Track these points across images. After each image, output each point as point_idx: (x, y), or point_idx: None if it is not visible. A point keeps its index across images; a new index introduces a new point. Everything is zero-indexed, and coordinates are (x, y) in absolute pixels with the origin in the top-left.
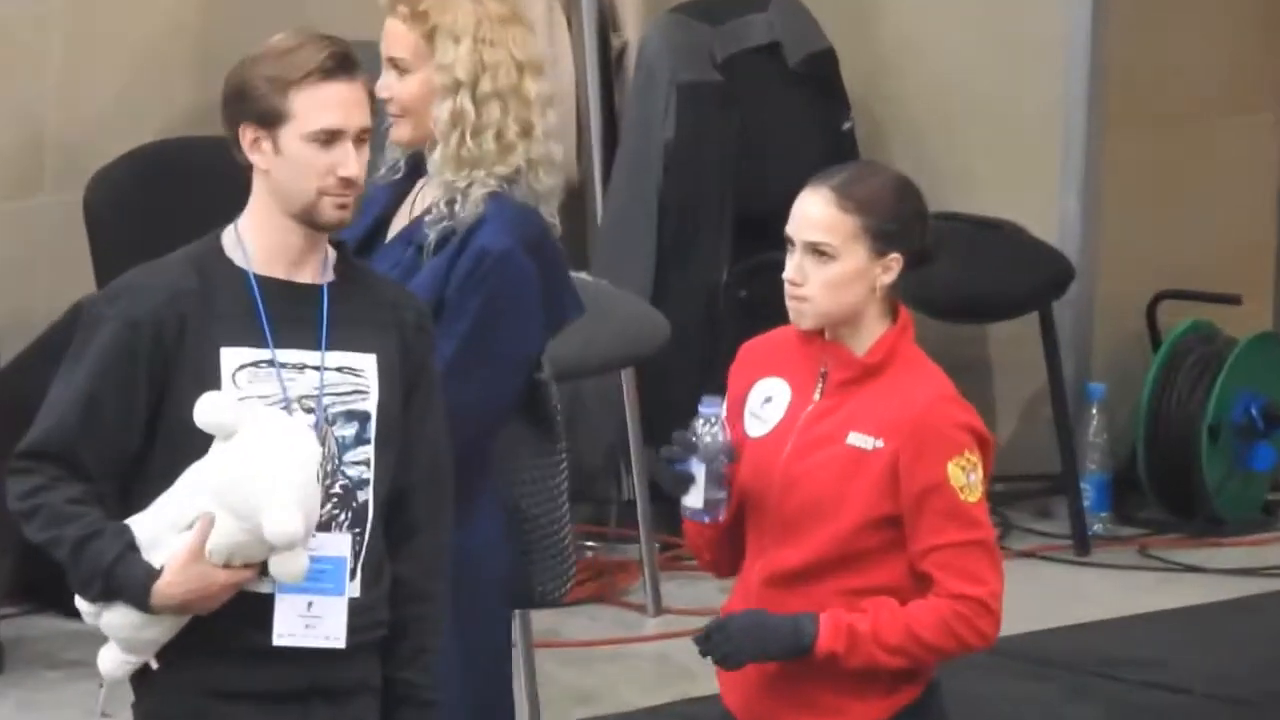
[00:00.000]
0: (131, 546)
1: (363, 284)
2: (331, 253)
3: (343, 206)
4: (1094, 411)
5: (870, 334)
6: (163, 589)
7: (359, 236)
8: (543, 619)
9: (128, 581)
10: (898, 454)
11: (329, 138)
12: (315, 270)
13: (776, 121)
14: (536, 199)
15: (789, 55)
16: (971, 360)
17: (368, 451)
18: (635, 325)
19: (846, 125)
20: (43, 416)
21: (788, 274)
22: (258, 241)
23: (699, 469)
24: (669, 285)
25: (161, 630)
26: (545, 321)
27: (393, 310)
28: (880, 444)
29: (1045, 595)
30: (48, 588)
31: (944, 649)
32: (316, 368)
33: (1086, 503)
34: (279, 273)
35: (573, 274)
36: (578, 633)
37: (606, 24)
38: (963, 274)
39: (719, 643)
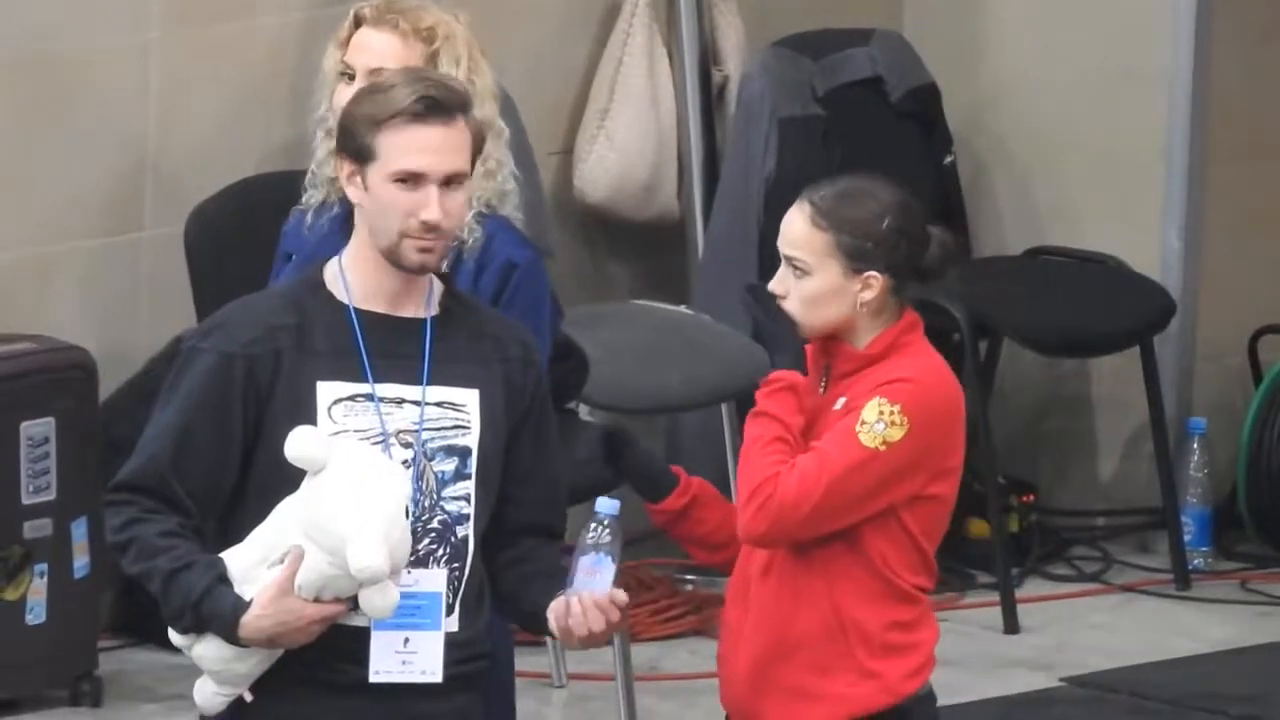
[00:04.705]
0: (222, 579)
1: (468, 318)
2: (438, 286)
3: (425, 250)
4: (1195, 446)
5: (869, 337)
6: (251, 622)
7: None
8: (642, 652)
9: (216, 614)
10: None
11: (411, 180)
12: (418, 304)
13: (877, 156)
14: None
15: (891, 90)
16: (1073, 395)
17: (468, 487)
18: (735, 360)
19: (948, 160)
20: (139, 450)
21: (772, 284)
22: (359, 276)
23: (610, 568)
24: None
25: (254, 664)
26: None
27: (498, 345)
28: (846, 399)
29: (1146, 629)
30: (148, 621)
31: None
32: (416, 402)
33: (1187, 537)
34: (380, 307)
35: (674, 308)
36: (678, 666)
37: (708, 58)
38: (1064, 309)
39: None
